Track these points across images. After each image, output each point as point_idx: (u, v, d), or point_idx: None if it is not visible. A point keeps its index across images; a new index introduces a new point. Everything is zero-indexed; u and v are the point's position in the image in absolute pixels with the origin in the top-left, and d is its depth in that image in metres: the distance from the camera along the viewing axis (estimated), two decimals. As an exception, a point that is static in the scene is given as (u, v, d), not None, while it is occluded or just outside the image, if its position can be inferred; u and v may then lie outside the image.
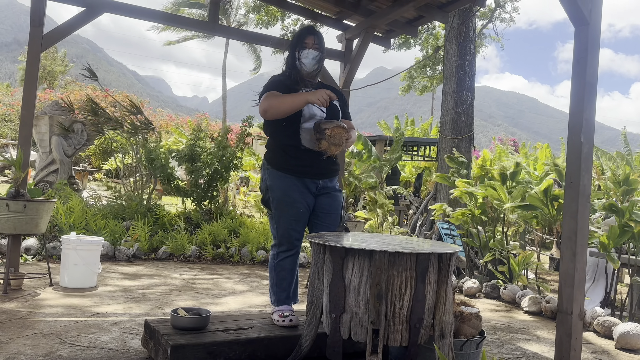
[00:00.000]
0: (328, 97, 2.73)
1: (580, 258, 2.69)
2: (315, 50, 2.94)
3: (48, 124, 8.72)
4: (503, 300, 5.03)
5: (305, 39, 2.95)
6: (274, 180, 2.89)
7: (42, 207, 4.01)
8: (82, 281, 4.16)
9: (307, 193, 2.89)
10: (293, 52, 2.96)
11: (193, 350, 2.43)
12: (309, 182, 2.89)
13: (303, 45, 2.94)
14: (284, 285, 2.93)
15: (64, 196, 6.74)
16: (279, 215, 2.88)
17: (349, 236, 2.70)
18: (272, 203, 2.90)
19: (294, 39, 3.00)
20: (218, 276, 5.19)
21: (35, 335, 2.91)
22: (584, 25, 2.72)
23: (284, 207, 2.86)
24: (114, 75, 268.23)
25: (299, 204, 2.85)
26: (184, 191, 7.16)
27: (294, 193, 2.85)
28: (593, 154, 2.84)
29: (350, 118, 3.16)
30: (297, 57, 2.93)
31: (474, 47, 8.29)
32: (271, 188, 2.90)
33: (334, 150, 2.80)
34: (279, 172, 2.88)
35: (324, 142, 2.75)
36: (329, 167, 2.94)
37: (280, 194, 2.86)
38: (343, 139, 2.78)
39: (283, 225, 2.88)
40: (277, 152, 2.91)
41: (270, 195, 2.91)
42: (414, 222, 9.04)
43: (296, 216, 2.87)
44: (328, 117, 2.92)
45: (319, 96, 2.72)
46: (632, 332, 3.58)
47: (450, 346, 2.26)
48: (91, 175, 17.23)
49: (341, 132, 2.77)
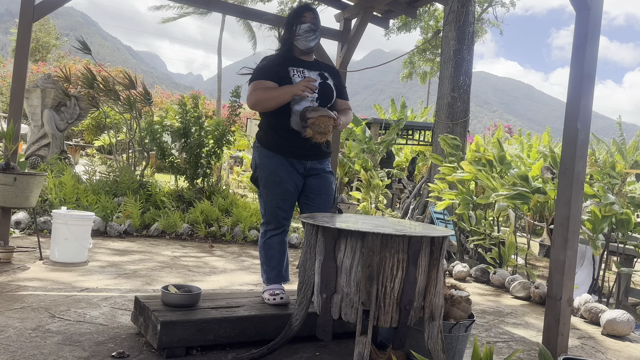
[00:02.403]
0: (308, 85, 2.73)
1: (571, 245, 2.70)
2: (313, 25, 2.92)
3: (40, 97, 8.60)
4: (492, 284, 5.07)
5: (303, 13, 2.94)
6: (262, 159, 2.91)
7: (33, 181, 3.97)
8: (73, 256, 4.15)
9: (294, 173, 2.90)
10: (290, 28, 2.93)
11: (183, 327, 2.43)
12: (296, 163, 2.90)
13: (301, 20, 2.92)
14: (273, 264, 2.95)
15: (57, 170, 6.69)
16: (267, 193, 2.90)
17: (342, 217, 2.69)
18: (260, 181, 2.93)
19: (291, 15, 2.98)
20: (210, 254, 5.19)
21: (24, 309, 2.90)
22: (586, 10, 2.69)
23: (271, 186, 2.88)
24: (108, 50, 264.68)
25: (286, 183, 2.86)
26: (178, 168, 7.12)
27: (280, 172, 2.86)
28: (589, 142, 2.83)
29: (346, 97, 3.13)
30: (295, 32, 2.91)
31: (472, 31, 8.22)
32: (260, 166, 2.92)
33: (320, 138, 2.79)
34: (268, 151, 2.90)
35: (309, 130, 2.75)
36: (318, 149, 2.93)
37: (268, 172, 2.88)
38: (329, 127, 2.77)
39: (270, 203, 2.90)
40: (267, 131, 2.93)
41: (259, 174, 2.93)
42: (407, 206, 9.06)
43: (283, 195, 2.88)
44: (320, 97, 2.89)
45: (300, 87, 2.73)
46: (619, 319, 3.63)
47: (440, 328, 2.28)
48: (83, 150, 17.10)
49: (326, 121, 2.75)
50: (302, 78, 2.86)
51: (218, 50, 30.88)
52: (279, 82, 2.83)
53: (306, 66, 2.95)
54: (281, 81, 2.83)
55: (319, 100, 2.89)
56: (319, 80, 2.92)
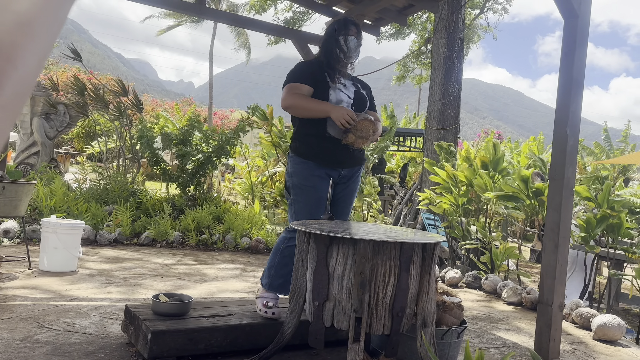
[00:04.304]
0: (349, 119, 2.72)
1: (562, 250, 2.71)
2: (359, 40, 3.00)
3: (29, 105, 8.54)
4: (484, 290, 5.08)
5: (350, 27, 3.00)
6: (295, 166, 2.89)
7: (22, 189, 3.93)
8: (62, 265, 4.10)
9: (327, 181, 2.89)
10: (334, 39, 2.97)
11: (174, 336, 2.41)
12: (331, 171, 2.89)
13: (349, 32, 2.98)
14: (283, 272, 2.88)
15: (47, 179, 6.63)
16: (298, 200, 2.88)
17: (334, 224, 2.69)
18: (292, 189, 2.91)
19: (336, 26, 3.02)
20: (201, 262, 5.16)
21: (13, 319, 2.86)
22: (574, 18, 2.72)
23: (302, 193, 2.86)
24: (98, 58, 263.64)
25: (320, 191, 2.85)
26: (170, 175, 7.08)
27: (314, 179, 2.85)
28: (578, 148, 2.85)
29: (376, 110, 3.15)
30: (340, 43, 2.95)
31: (462, 38, 8.28)
32: (292, 174, 2.90)
33: (361, 144, 2.79)
34: (301, 159, 2.88)
35: (351, 136, 2.74)
36: (353, 155, 2.93)
37: (301, 179, 2.86)
38: (370, 132, 2.76)
39: (302, 211, 2.86)
40: (303, 140, 2.91)
41: (291, 182, 2.91)
42: (399, 212, 9.07)
43: (316, 202, 2.86)
44: (355, 105, 2.92)
45: (340, 115, 2.72)
46: (610, 323, 3.64)
47: (432, 335, 2.27)
48: (73, 158, 16.98)
49: (368, 125, 2.75)
50: (339, 83, 2.89)
51: (209, 57, 30.86)
52: (314, 86, 2.85)
53: (342, 75, 2.98)
54: (317, 85, 2.85)
55: (353, 108, 2.92)
56: (353, 89, 2.97)
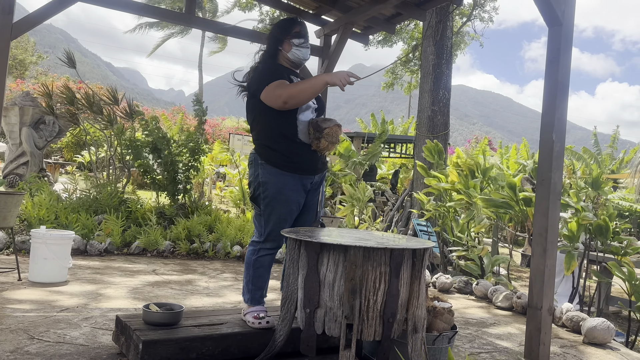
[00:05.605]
0: (349, 79, 2.62)
1: (550, 254, 2.74)
2: (306, 39, 2.88)
3: (18, 115, 8.50)
4: (475, 295, 5.11)
5: (296, 27, 2.87)
6: (269, 177, 2.74)
7: (11, 200, 3.91)
8: (52, 276, 4.07)
9: (301, 191, 2.81)
10: (281, 40, 2.85)
11: (165, 346, 2.40)
12: (305, 179, 2.80)
13: (294, 33, 2.85)
14: (260, 283, 2.85)
15: (36, 189, 6.58)
16: (270, 212, 2.77)
17: (325, 231, 2.70)
18: (263, 200, 2.77)
19: (281, 27, 2.89)
20: (192, 271, 5.14)
21: (2, 331, 2.84)
22: (558, 25, 2.77)
23: (276, 205, 2.75)
24: (88, 67, 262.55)
25: (292, 203, 2.77)
26: (159, 184, 7.06)
27: (288, 191, 2.75)
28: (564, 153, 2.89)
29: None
30: (289, 44, 2.84)
31: (450, 45, 8.37)
32: (264, 185, 2.76)
33: (331, 149, 2.76)
34: (275, 169, 2.74)
35: (323, 141, 2.70)
36: (323, 160, 2.89)
37: (275, 191, 2.74)
38: (339, 137, 2.75)
39: (272, 223, 2.77)
40: (272, 146, 2.75)
41: (262, 192, 2.77)
42: (390, 219, 9.10)
43: (288, 215, 2.78)
44: (319, 109, 2.86)
45: (340, 77, 2.61)
46: (599, 327, 3.68)
47: (423, 340, 2.29)
48: (63, 168, 16.86)
49: (338, 130, 2.74)
50: None
51: (199, 66, 30.93)
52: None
53: (297, 77, 2.88)
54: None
55: (317, 112, 2.85)
56: None
